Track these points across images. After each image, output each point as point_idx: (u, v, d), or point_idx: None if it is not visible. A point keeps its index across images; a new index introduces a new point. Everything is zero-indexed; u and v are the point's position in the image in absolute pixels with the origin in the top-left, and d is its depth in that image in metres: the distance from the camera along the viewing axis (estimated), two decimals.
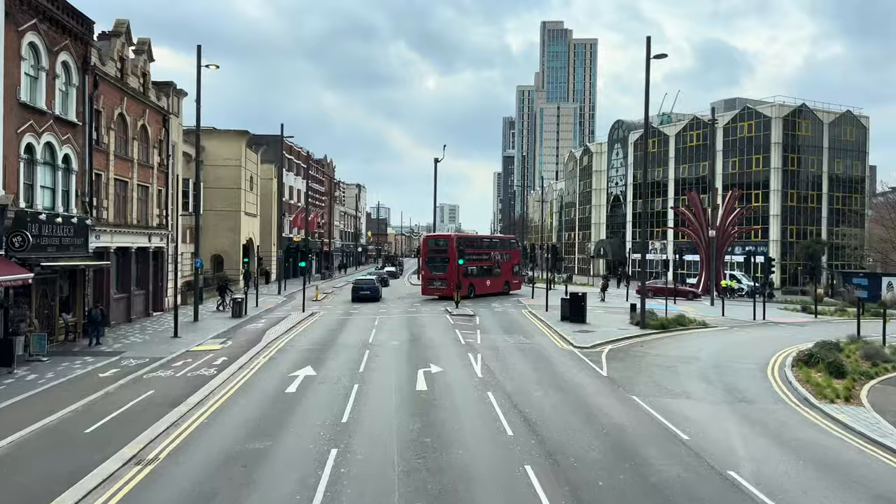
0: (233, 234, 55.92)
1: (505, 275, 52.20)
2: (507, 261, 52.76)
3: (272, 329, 30.23)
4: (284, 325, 31.84)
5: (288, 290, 56.40)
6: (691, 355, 24.45)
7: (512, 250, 54.23)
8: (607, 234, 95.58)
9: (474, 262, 49.00)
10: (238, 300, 35.80)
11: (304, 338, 27.70)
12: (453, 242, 47.86)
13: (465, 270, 47.08)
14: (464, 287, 47.26)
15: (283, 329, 30.20)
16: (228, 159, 55.85)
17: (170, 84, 37.79)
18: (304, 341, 26.67)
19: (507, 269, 52.56)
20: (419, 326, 31.33)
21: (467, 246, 49.30)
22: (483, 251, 50.99)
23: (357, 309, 40.32)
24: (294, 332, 29.69)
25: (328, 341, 26.61)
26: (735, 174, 74.53)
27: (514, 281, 53.14)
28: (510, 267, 52.93)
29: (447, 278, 45.75)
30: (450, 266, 46.15)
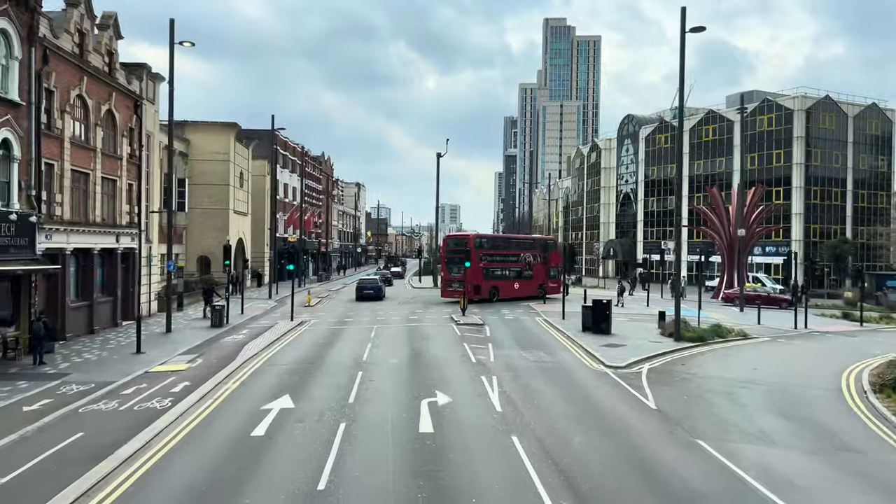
0: (221, 233, 51.95)
1: (539, 278, 48.01)
2: (541, 263, 48.66)
3: (253, 342, 26.29)
4: (268, 336, 27.90)
5: (280, 295, 52.47)
6: (746, 377, 20.50)
7: (549, 252, 49.93)
8: (617, 234, 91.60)
9: (498, 264, 45.66)
10: (218, 308, 31.87)
11: (288, 354, 23.75)
12: (472, 242, 44.36)
13: (485, 272, 44.26)
14: (484, 290, 44.11)
15: (265, 342, 26.26)
16: (216, 153, 51.93)
17: (142, 66, 33.88)
18: (287, 359, 22.72)
19: (541, 272, 48.34)
20: (421, 339, 27.38)
21: (488, 246, 46.26)
22: (509, 252, 47.18)
23: (352, 316, 36.40)
24: (277, 346, 25.74)
25: (315, 359, 22.66)
26: (754, 170, 70.49)
27: (552, 285, 48.24)
28: (546, 269, 48.59)
29: (464, 280, 42.90)
30: (469, 268, 43.27)
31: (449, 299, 45.02)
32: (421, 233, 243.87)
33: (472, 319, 33.67)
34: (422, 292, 55.85)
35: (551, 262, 49.36)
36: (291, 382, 18.77)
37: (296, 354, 23.61)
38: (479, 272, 43.96)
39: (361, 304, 44.02)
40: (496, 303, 43.70)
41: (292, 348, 25.10)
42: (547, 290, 47.86)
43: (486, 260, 44.54)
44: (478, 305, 41.06)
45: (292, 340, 27.27)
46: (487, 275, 44.58)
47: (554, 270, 49.19)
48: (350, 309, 40.82)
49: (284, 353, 24.07)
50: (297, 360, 22.34)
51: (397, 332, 29.69)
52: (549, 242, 53.26)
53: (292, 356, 23.24)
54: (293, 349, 24.87)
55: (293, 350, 24.66)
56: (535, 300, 45.72)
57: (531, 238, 53.60)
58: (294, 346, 25.81)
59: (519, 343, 26.37)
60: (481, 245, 45.32)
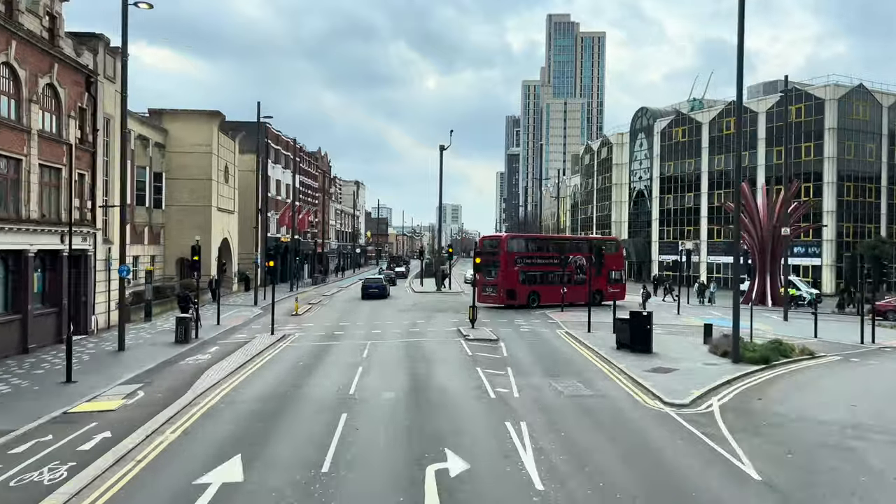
0: (202, 232, 47.02)
1: (594, 282, 42.88)
2: (597, 265, 43.53)
3: (218, 365, 21.40)
4: (238, 357, 23.01)
5: (268, 300, 47.59)
6: (850, 418, 15.57)
7: (607, 253, 44.58)
8: (630, 234, 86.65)
9: (539, 267, 41.50)
10: (184, 319, 26.97)
11: (257, 383, 18.85)
12: (504, 243, 41.22)
13: (522, 276, 40.45)
14: (521, 295, 39.97)
15: (233, 365, 21.37)
16: (197, 145, 47.06)
17: (97, 37, 29.02)
18: (254, 391, 17.82)
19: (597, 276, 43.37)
20: (424, 361, 22.44)
21: (525, 248, 42.37)
22: (553, 254, 42.48)
23: (344, 327, 31.50)
24: (247, 370, 20.84)
25: (289, 391, 17.75)
26: (781, 165, 65.45)
27: (613, 290, 43.36)
28: (605, 272, 43.52)
29: (497, 284, 39.95)
30: (500, 270, 40.19)
31: (482, 304, 40.81)
32: (422, 233, 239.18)
33: (483, 333, 28.72)
34: (424, 297, 50.96)
35: (610, 264, 44.18)
36: (250, 432, 13.87)
37: (266, 384, 18.71)
38: (514, 276, 40.27)
39: (355, 312, 39.16)
40: (520, 311, 38.86)
41: (264, 374, 20.19)
42: (606, 296, 42.87)
43: (522, 263, 40.86)
44: (488, 315, 36.11)
45: (267, 362, 22.37)
46: (525, 279, 40.82)
47: (615, 274, 44.25)
48: (342, 318, 35.93)
49: (253, 381, 19.16)
50: (266, 394, 17.44)
51: (395, 349, 24.77)
52: (609, 243, 48.24)
53: (261, 387, 18.34)
54: (265, 376, 19.96)
55: (264, 377, 19.75)
56: (579, 308, 40.87)
57: (584, 238, 48.35)
58: (267, 370, 20.90)
59: (544, 366, 21.45)
60: (516, 246, 41.65)
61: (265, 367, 21.51)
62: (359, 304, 45.59)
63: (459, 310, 39.80)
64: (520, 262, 40.94)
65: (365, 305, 43.89)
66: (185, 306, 32.55)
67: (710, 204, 73.65)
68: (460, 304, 43.58)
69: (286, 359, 22.90)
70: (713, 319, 37.33)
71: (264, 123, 65.55)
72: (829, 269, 62.35)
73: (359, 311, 39.48)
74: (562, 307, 39.03)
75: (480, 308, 37.92)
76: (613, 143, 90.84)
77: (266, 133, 65.31)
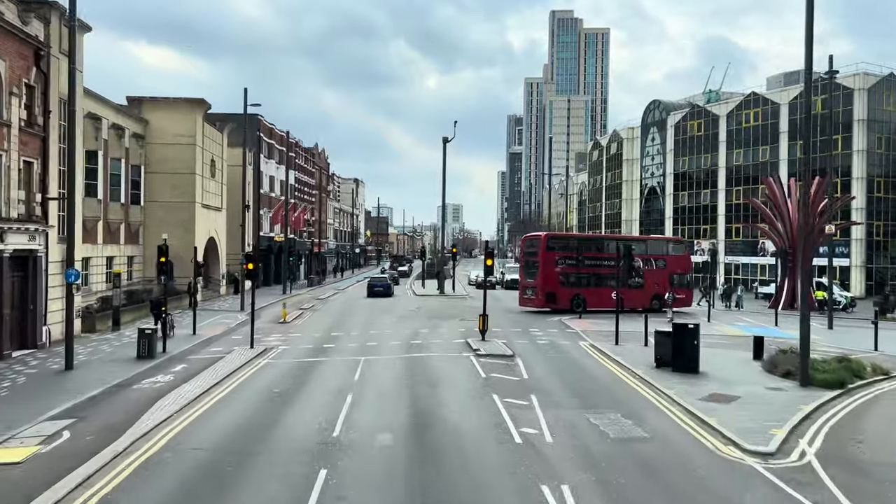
0: (185, 231, 43.27)
1: (653, 286, 39.28)
2: (658, 268, 39.97)
3: (177, 391, 17.52)
4: (204, 379, 19.13)
5: (258, 303, 43.72)
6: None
7: (670, 255, 41.08)
8: (641, 233, 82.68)
9: (586, 269, 38.23)
10: (148, 332, 23.08)
11: (218, 420, 14.95)
12: (543, 243, 38.65)
13: (564, 278, 37.49)
14: (562, 299, 36.73)
15: (195, 391, 17.50)
16: (179, 136, 43.18)
17: (49, 4, 25.12)
18: (212, 432, 13.93)
19: (656, 279, 39.57)
20: (429, 384, 18.51)
21: (568, 247, 39.34)
22: (602, 255, 38.85)
23: (335, 339, 27.60)
24: (211, 398, 16.95)
25: (256, 433, 13.84)
26: (805, 159, 61.49)
27: (678, 295, 39.03)
28: (666, 276, 39.87)
29: (536, 286, 37.76)
30: (540, 272, 37.76)
31: (524, 308, 39.34)
32: (423, 232, 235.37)
33: (496, 347, 24.77)
34: (426, 302, 47.08)
35: (673, 267, 40.34)
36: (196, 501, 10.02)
37: (231, 420, 14.81)
38: (555, 278, 37.33)
39: (350, 319, 35.27)
40: (536, 319, 34.94)
41: (231, 405, 16.29)
42: (666, 302, 39.06)
43: (565, 263, 37.78)
44: (500, 323, 32.09)
45: (239, 386, 18.48)
46: (568, 281, 37.71)
47: (678, 277, 40.18)
48: (335, 326, 32.04)
49: (215, 415, 15.26)
50: (227, 437, 13.56)
51: (393, 369, 20.85)
52: (672, 244, 43.93)
53: (224, 424, 14.45)
54: (232, 407, 16.06)
55: (231, 409, 15.85)
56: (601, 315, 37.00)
57: (641, 238, 44.07)
58: (237, 398, 17.01)
59: (575, 392, 17.54)
60: (557, 246, 38.61)
61: (235, 393, 17.63)
62: (355, 309, 41.76)
63: (466, 316, 35.94)
64: (562, 263, 37.73)
65: (362, 311, 40.06)
66: (160, 313, 28.77)
67: (727, 201, 69.72)
68: (466, 310, 39.72)
69: (262, 382, 19.00)
70: (749, 328, 33.50)
71: (257, 116, 61.97)
72: (858, 270, 58.39)
73: (354, 319, 35.61)
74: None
75: (445, 320, 34.16)
76: (624, 138, 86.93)
77: (259, 126, 61.46)
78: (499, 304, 42.36)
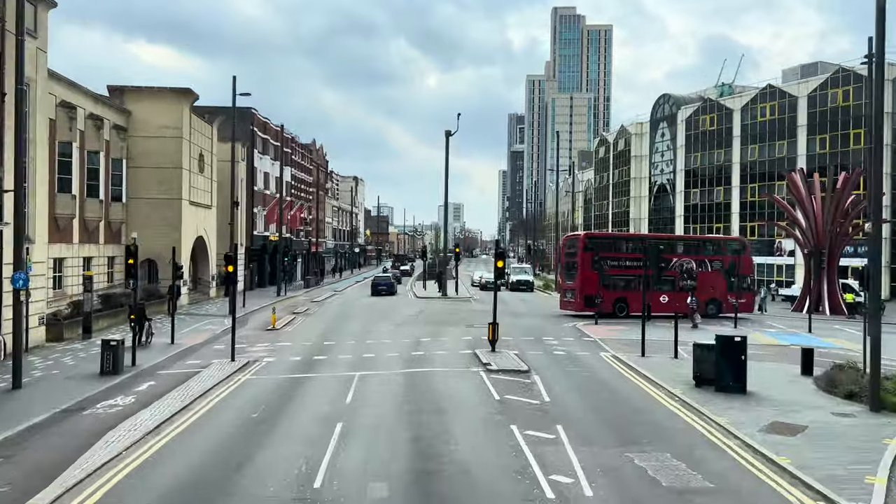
0: (171, 230, 40.50)
1: (707, 289, 36.32)
2: (714, 270, 36.98)
3: (134, 418, 14.71)
4: (170, 402, 16.32)
5: (249, 308, 41.17)
6: None
7: (728, 256, 38.00)
8: (650, 231, 79.84)
9: (630, 270, 35.42)
10: (113, 344, 20.27)
11: (176, 460, 12.10)
12: (581, 243, 36.83)
13: (605, 280, 34.87)
14: (604, 302, 33.83)
15: (156, 418, 14.69)
16: (164, 128, 40.38)
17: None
18: (166, 477, 11.08)
19: (712, 282, 36.77)
20: (433, 411, 15.61)
21: (609, 247, 37.15)
22: (645, 256, 35.78)
23: (328, 349, 24.78)
24: (173, 428, 14.12)
25: (215, 483, 10.99)
26: (825, 154, 58.69)
27: (738, 300, 35.31)
28: (723, 278, 36.96)
29: (575, 289, 35.74)
30: (578, 274, 35.68)
31: (563, 312, 37.19)
32: (424, 231, 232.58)
33: (508, 360, 21.90)
34: (428, 305, 44.25)
35: (731, 268, 37.03)
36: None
37: (187, 464, 11.95)
38: (594, 280, 34.71)
39: (346, 326, 32.45)
40: (550, 326, 32.21)
41: (192, 440, 13.45)
42: (725, 307, 36.25)
43: (607, 265, 35.15)
44: (509, 330, 29.03)
45: (209, 412, 15.67)
46: (610, 283, 35.18)
47: (737, 280, 36.67)
48: (329, 333, 29.21)
49: (168, 457, 12.39)
50: (183, 485, 10.73)
51: (391, 389, 18.00)
52: (731, 244, 40.42)
53: (182, 466, 11.63)
54: (192, 443, 13.22)
55: (190, 446, 13.02)
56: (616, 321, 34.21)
57: (694, 238, 40.63)
58: (201, 430, 14.18)
59: (609, 421, 14.71)
60: (598, 247, 36.24)
61: (203, 421, 14.82)
62: (352, 313, 39.00)
63: (472, 322, 33.15)
64: (603, 265, 35.07)
65: (359, 315, 37.31)
66: (140, 321, 26.02)
67: (742, 199, 66.82)
68: (472, 315, 36.93)
69: (237, 406, 16.18)
70: (782, 335, 30.72)
71: (250, 110, 59.20)
72: (884, 270, 55.48)
73: (350, 324, 32.80)
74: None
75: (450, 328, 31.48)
76: (632, 134, 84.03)
77: (252, 120, 58.72)
78: (506, 308, 39.51)
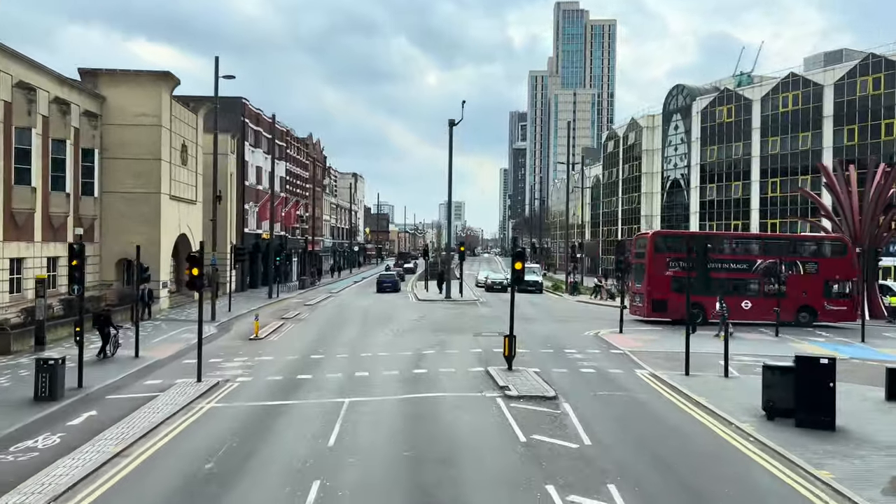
0: (149, 227, 36.96)
1: (800, 295, 32.60)
2: (808, 273, 33.10)
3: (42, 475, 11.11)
4: (96, 451, 12.67)
5: (235, 312, 37.58)
6: None
7: (825, 258, 33.87)
8: (663, 229, 76.28)
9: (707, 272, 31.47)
10: (50, 363, 16.65)
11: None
12: (651, 242, 33.58)
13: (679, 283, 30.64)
14: (675, 308, 29.89)
15: (70, 476, 11.08)
16: (141, 115, 36.80)
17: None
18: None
19: (805, 287, 32.86)
20: (441, 460, 11.86)
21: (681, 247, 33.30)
22: (728, 256, 32.74)
23: (315, 363, 21.14)
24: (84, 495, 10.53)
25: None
26: (853, 146, 55.06)
27: (833, 307, 32.69)
28: (819, 282, 33.17)
29: (643, 292, 33.08)
30: (647, 276, 32.94)
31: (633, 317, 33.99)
32: (425, 229, 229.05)
33: (529, 382, 18.19)
34: (431, 309, 40.60)
35: (829, 272, 33.46)
36: None
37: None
38: (665, 282, 31.70)
39: (339, 333, 28.79)
40: (568, 335, 28.50)
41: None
42: (820, 315, 32.65)
43: (679, 267, 31.37)
44: (522, 340, 25.30)
45: (147, 462, 12.01)
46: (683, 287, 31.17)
47: (836, 285, 33.12)
48: (319, 343, 25.55)
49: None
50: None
51: (387, 426, 14.25)
52: (828, 244, 35.86)
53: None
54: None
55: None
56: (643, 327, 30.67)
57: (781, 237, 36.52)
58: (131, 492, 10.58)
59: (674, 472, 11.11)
60: (669, 246, 32.75)
61: (136, 476, 11.21)
62: (347, 317, 35.43)
63: (480, 330, 29.55)
64: (675, 266, 31.57)
65: (354, 320, 33.73)
66: (106, 329, 22.56)
67: (762, 194, 63.25)
68: (479, 321, 33.33)
69: (189, 450, 12.56)
70: (833, 345, 27.12)
71: (241, 100, 55.62)
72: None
73: (344, 332, 29.17)
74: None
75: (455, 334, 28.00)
76: (643, 127, 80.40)
77: (243, 111, 55.13)
78: (516, 312, 35.61)
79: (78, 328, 18.25)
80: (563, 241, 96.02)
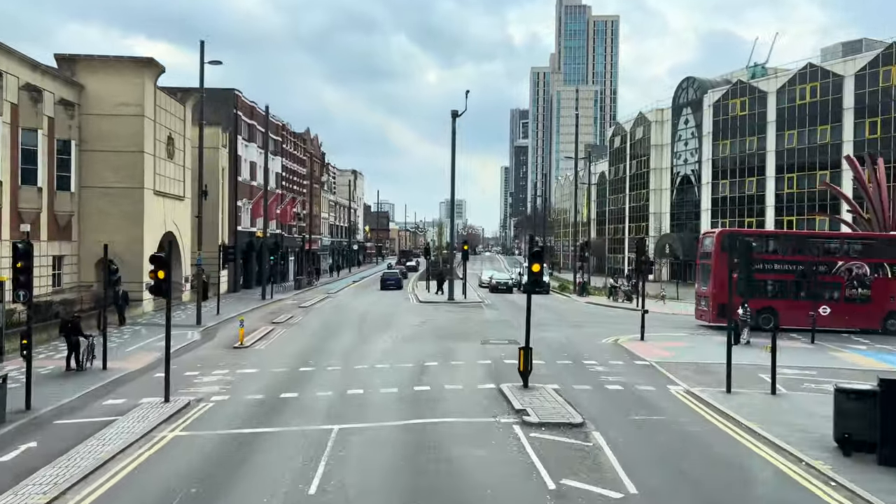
0: (131, 224, 34.54)
1: (886, 300, 30.08)
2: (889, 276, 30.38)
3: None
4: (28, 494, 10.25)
5: (224, 315, 35.10)
6: None
7: None
8: (672, 227, 73.71)
9: (780, 275, 29.59)
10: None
11: None
12: (717, 242, 30.74)
13: None
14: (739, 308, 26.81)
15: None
16: (123, 105, 34.36)
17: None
18: None
19: (892, 291, 30.24)
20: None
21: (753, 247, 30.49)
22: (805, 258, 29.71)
23: (303, 380, 18.62)
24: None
25: None
26: (875, 140, 52.50)
27: None
28: None
29: (709, 296, 30.76)
30: (713, 278, 30.38)
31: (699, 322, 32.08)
32: (426, 228, 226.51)
33: (550, 404, 15.64)
34: (433, 312, 38.08)
35: None
36: None
37: None
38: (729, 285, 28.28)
39: (333, 340, 26.27)
40: (585, 343, 26.01)
41: None
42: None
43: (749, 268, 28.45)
44: (537, 350, 22.75)
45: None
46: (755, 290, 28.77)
47: None
48: (310, 353, 23.02)
49: None
50: None
51: (383, 466, 11.68)
52: None
53: None
54: None
55: None
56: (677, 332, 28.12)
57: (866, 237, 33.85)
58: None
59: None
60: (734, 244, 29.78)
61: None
62: (344, 321, 32.97)
63: (487, 336, 27.04)
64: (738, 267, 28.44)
65: (351, 325, 31.26)
66: (74, 338, 20.19)
67: (777, 190, 60.71)
68: (485, 326, 30.82)
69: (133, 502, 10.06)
70: (877, 353, 24.63)
71: (234, 91, 53.12)
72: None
73: (339, 339, 26.67)
74: (641, 334, 26.15)
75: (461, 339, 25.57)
76: (652, 121, 77.79)
77: (236, 103, 52.63)
78: (522, 315, 33.36)
79: (25, 340, 15.76)
80: (568, 239, 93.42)
